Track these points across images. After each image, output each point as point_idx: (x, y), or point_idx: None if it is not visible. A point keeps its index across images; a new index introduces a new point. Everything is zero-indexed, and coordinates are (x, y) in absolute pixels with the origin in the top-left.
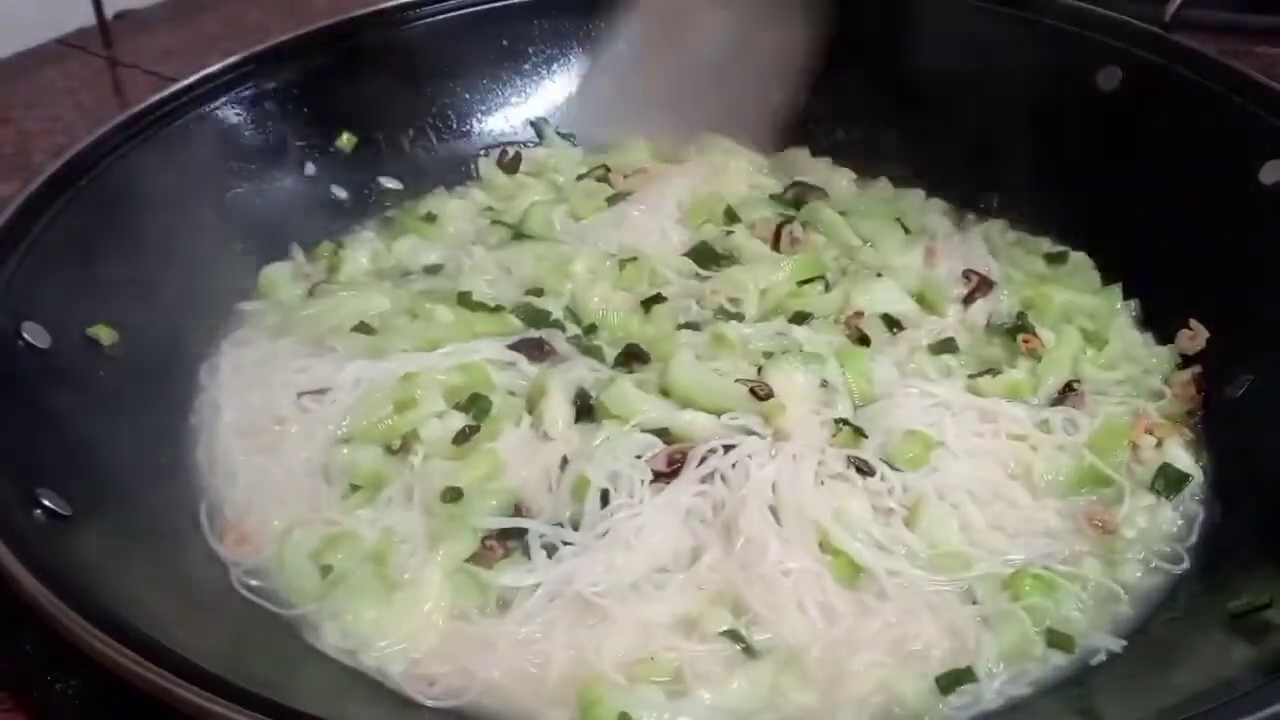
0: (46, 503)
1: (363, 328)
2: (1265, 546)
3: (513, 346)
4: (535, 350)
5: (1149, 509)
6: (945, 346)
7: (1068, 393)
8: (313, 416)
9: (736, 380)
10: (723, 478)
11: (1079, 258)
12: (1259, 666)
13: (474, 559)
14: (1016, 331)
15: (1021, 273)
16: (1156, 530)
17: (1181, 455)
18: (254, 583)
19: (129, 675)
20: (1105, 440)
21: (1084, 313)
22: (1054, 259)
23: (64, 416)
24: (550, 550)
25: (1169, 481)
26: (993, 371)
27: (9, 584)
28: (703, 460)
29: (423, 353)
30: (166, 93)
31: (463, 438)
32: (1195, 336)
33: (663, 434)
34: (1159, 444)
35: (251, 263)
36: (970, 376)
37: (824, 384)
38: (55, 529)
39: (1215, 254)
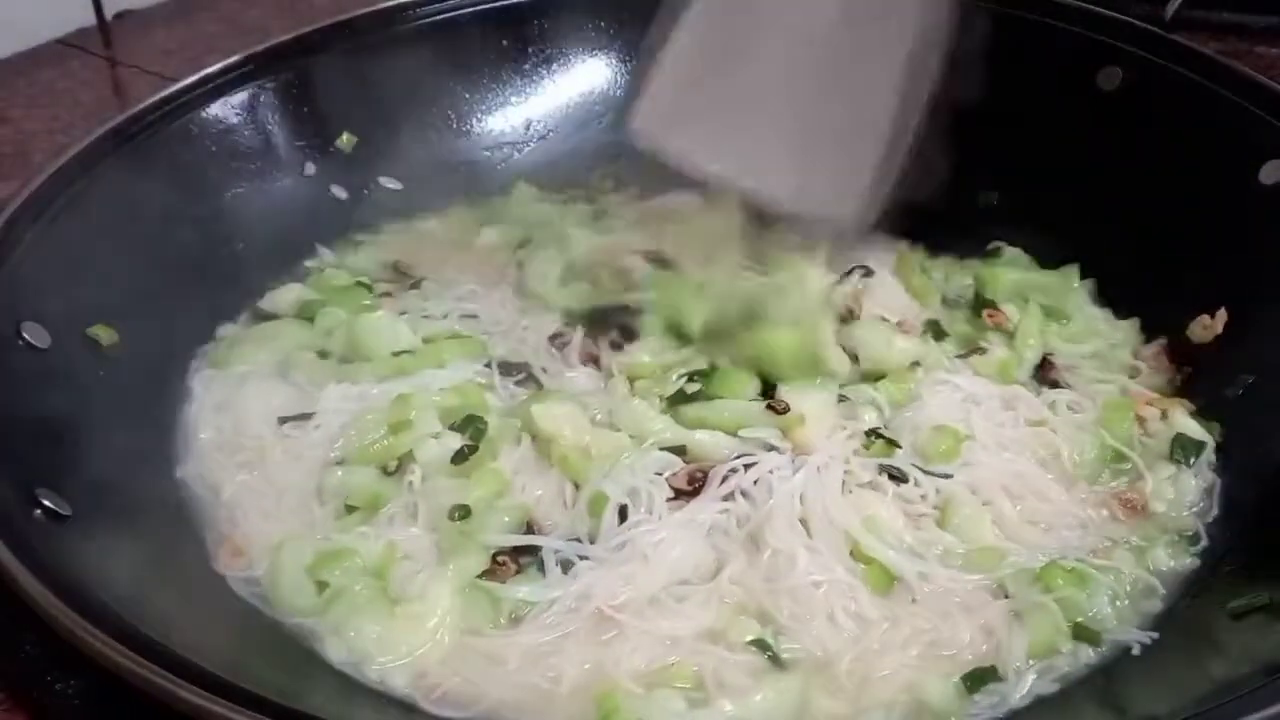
0: (46, 503)
1: (321, 354)
2: (1265, 546)
3: (496, 369)
4: (519, 373)
5: (1172, 478)
6: (935, 329)
7: (1047, 368)
8: (297, 441)
9: (752, 399)
10: (745, 495)
11: (1014, 252)
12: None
13: (486, 575)
14: (980, 307)
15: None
16: (1182, 500)
17: (1190, 423)
18: (253, 592)
19: (129, 675)
20: (1111, 418)
21: (1038, 289)
22: (990, 255)
23: (64, 416)
24: (565, 566)
25: (1185, 448)
26: (978, 350)
27: (9, 584)
28: (724, 479)
29: (398, 378)
30: (166, 93)
31: (461, 457)
32: (1210, 325)
33: (680, 451)
34: (1163, 415)
35: (251, 262)
36: (959, 357)
37: (842, 399)
38: (55, 529)
39: (1215, 255)
